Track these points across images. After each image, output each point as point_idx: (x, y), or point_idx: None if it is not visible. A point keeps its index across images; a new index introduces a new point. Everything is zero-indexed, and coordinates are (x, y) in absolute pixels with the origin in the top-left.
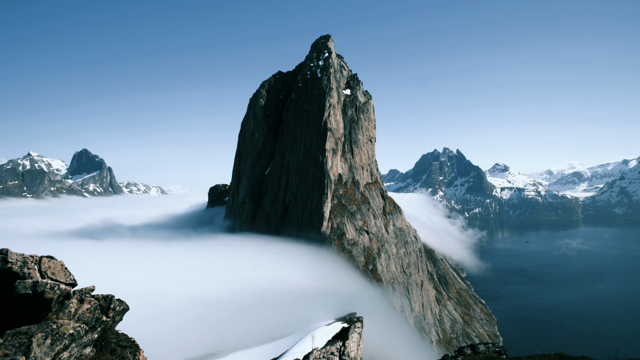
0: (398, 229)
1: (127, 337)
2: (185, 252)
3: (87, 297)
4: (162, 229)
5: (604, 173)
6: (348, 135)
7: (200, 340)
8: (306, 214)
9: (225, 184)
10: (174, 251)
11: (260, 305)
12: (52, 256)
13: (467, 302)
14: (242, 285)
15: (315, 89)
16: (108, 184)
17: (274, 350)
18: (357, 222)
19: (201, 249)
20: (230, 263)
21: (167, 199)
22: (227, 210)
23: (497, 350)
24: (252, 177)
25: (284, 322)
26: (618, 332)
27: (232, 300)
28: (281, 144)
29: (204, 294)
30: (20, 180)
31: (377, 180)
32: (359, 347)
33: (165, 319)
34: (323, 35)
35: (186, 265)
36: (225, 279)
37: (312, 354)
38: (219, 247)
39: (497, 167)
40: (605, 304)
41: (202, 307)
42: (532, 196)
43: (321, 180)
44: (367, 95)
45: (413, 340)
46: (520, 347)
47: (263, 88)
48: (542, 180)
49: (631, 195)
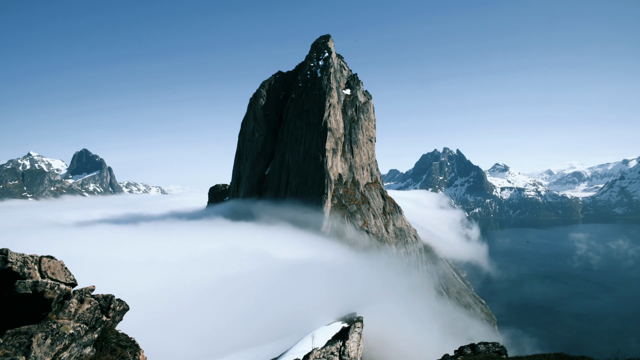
0: (398, 229)
1: (127, 337)
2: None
3: (87, 297)
4: (165, 226)
5: (604, 173)
6: (348, 135)
7: (200, 340)
8: (306, 214)
9: (225, 184)
10: (172, 241)
11: (260, 304)
12: (52, 256)
13: (467, 302)
14: (242, 285)
15: (315, 89)
16: (108, 183)
17: (274, 350)
18: (357, 222)
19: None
20: (230, 263)
21: (167, 199)
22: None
23: (497, 350)
24: (252, 177)
25: (284, 322)
26: (618, 332)
27: (232, 300)
28: (281, 144)
29: (204, 295)
30: (20, 180)
31: (377, 180)
32: (359, 347)
33: (165, 319)
34: (323, 35)
35: (185, 259)
36: (223, 279)
37: (312, 354)
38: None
39: (497, 167)
40: (606, 304)
41: (202, 307)
42: (532, 196)
43: (321, 180)
44: (367, 95)
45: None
46: (520, 347)
47: (263, 88)
48: (542, 180)
49: (631, 195)
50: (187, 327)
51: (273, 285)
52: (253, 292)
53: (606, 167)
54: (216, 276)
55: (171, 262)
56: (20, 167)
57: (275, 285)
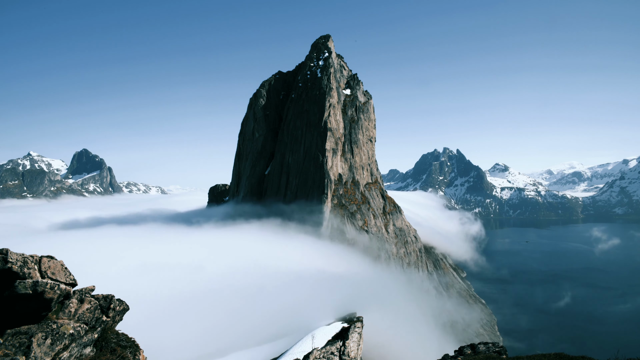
0: (398, 229)
1: (127, 337)
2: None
3: (87, 297)
4: (165, 226)
5: (604, 173)
6: (348, 135)
7: (199, 340)
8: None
9: (225, 184)
10: (174, 242)
11: (260, 304)
12: (52, 256)
13: (467, 302)
14: (243, 285)
15: (315, 89)
16: (108, 183)
17: (274, 350)
18: (357, 222)
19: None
20: (229, 262)
21: (167, 199)
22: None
23: (497, 350)
24: (252, 177)
25: (284, 322)
26: (618, 332)
27: (232, 300)
28: (281, 144)
29: (203, 294)
30: (20, 180)
31: (377, 180)
32: (359, 347)
33: (165, 319)
34: (323, 35)
35: (187, 259)
36: (223, 279)
37: (312, 354)
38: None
39: (497, 167)
40: (606, 304)
41: (202, 307)
42: (532, 196)
43: (321, 180)
44: (367, 95)
45: (420, 330)
46: (520, 347)
47: (263, 88)
48: (542, 180)
49: (631, 195)
50: (187, 327)
51: (273, 286)
52: (253, 292)
53: (606, 167)
54: (216, 276)
55: (171, 263)
56: (20, 167)
57: (275, 286)
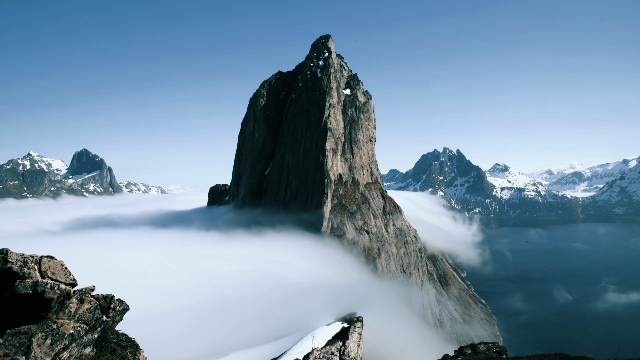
0: (398, 229)
1: (127, 337)
2: (186, 247)
3: (87, 297)
4: (165, 226)
5: (604, 173)
6: (348, 135)
7: (199, 340)
8: (306, 214)
9: (225, 184)
10: (173, 244)
11: (260, 305)
12: (52, 256)
13: (467, 302)
14: (243, 284)
15: (315, 89)
16: (108, 183)
17: (274, 350)
18: (357, 222)
19: (202, 245)
20: (229, 261)
21: (167, 199)
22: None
23: (497, 350)
24: (252, 177)
25: (284, 322)
26: (618, 332)
27: (232, 300)
28: (281, 144)
29: (203, 294)
30: (20, 180)
31: (377, 180)
32: (359, 347)
33: (165, 318)
34: (323, 35)
35: (186, 260)
36: (223, 278)
37: (312, 354)
38: (221, 242)
39: (497, 167)
40: (606, 304)
41: (202, 307)
42: (532, 196)
43: (321, 180)
44: (367, 95)
45: (420, 330)
46: (520, 347)
47: (263, 88)
48: (542, 180)
49: (631, 195)
50: (187, 327)
51: (273, 286)
52: (253, 292)
53: (606, 167)
54: (216, 277)
55: (171, 263)
56: (20, 167)
57: (275, 286)
